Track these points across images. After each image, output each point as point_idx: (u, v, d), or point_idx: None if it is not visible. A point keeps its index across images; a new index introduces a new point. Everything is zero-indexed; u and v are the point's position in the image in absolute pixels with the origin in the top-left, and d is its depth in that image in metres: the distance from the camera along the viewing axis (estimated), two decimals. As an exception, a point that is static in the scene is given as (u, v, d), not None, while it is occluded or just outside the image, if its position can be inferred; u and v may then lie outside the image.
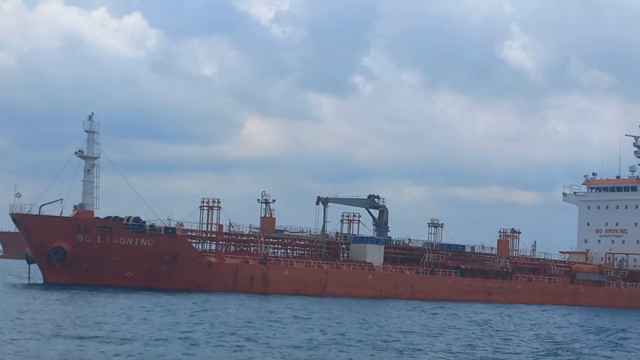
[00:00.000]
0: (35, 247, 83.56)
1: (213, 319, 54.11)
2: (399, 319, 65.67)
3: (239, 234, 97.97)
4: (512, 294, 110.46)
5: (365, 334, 50.39)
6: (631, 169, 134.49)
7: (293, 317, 59.82)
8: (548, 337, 57.59)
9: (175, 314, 56.39)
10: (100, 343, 39.31)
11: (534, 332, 61.13)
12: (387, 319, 64.24)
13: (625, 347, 53.61)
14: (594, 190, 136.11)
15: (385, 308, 78.80)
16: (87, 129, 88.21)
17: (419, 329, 56.69)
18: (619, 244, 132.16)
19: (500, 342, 51.15)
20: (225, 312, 60.69)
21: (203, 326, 48.97)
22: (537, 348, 48.80)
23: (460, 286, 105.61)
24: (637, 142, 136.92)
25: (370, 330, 52.89)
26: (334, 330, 51.07)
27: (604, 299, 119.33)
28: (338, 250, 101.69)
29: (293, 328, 50.94)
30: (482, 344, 48.80)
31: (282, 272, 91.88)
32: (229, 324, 51.43)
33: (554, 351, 47.49)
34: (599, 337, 59.85)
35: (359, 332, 51.39)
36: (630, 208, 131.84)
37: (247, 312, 61.43)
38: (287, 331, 48.75)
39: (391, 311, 74.60)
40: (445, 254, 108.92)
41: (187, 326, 48.39)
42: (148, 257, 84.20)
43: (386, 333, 51.70)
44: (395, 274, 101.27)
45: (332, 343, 44.20)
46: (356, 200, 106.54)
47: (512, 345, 49.90)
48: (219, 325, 49.90)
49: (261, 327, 50.31)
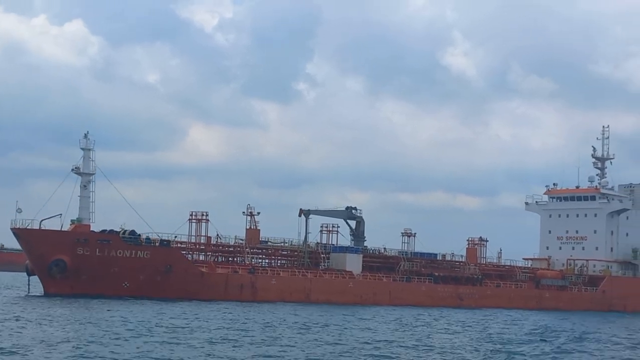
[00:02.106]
0: (37, 260, 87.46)
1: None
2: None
3: (227, 245, 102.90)
4: (482, 299, 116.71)
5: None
6: (590, 179, 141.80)
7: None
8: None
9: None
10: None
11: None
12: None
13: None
14: (555, 199, 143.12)
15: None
16: (83, 147, 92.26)
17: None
18: (579, 251, 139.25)
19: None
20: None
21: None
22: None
23: (434, 292, 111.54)
24: (595, 153, 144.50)
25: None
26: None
27: (567, 302, 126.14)
28: (319, 260, 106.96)
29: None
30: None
31: (269, 281, 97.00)
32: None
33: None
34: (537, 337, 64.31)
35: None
36: (589, 216, 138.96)
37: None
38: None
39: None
40: (419, 262, 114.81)
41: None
42: (144, 268, 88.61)
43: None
44: (374, 282, 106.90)
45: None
46: (335, 212, 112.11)
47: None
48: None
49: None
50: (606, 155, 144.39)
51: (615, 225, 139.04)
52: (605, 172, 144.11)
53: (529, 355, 50.05)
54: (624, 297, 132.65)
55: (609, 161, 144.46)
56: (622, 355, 54.09)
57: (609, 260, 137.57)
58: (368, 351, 47.03)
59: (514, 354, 49.53)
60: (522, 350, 52.61)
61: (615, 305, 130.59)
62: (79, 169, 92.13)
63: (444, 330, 66.68)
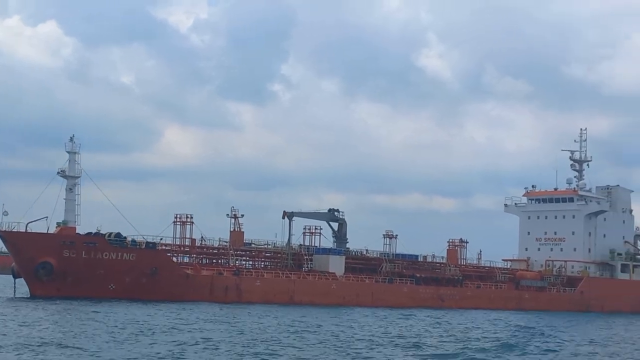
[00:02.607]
0: (23, 263, 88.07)
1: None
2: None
3: (211, 248, 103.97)
4: (463, 300, 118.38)
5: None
6: (568, 182, 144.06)
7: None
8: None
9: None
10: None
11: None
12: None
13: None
14: (534, 201, 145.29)
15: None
16: (69, 150, 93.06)
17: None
18: (557, 252, 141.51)
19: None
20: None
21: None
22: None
23: (416, 294, 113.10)
24: (573, 155, 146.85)
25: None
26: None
27: (546, 303, 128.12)
28: (302, 261, 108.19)
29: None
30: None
31: (254, 283, 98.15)
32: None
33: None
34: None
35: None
36: (567, 218, 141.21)
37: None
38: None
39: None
40: (401, 264, 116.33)
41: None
42: (130, 271, 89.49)
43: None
44: (357, 283, 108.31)
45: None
46: (318, 214, 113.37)
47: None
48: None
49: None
50: (584, 158, 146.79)
51: (593, 227, 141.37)
52: (583, 175, 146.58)
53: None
54: (602, 298, 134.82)
55: (587, 163, 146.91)
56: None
57: (586, 261, 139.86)
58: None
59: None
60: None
61: (593, 306, 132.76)
62: (64, 172, 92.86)
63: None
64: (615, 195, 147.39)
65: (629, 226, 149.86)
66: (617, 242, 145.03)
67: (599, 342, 65.51)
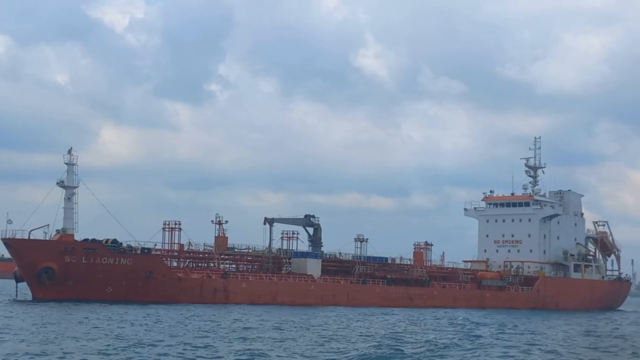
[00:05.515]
0: (26, 268, 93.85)
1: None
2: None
3: (198, 252, 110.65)
4: (430, 299, 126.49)
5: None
6: (524, 187, 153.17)
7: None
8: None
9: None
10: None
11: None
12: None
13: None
14: (492, 205, 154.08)
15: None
16: (67, 162, 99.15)
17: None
18: (515, 253, 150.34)
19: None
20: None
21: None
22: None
23: (387, 294, 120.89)
24: (528, 162, 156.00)
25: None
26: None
27: (506, 301, 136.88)
28: (281, 264, 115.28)
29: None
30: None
31: (240, 285, 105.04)
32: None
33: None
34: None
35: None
36: (524, 221, 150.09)
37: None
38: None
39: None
40: (372, 266, 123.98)
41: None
42: (127, 274, 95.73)
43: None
44: (333, 285, 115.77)
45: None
46: (295, 220, 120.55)
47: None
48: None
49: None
50: (538, 165, 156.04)
51: (548, 230, 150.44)
52: (537, 180, 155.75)
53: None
54: (556, 296, 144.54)
55: (541, 170, 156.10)
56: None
57: (542, 262, 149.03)
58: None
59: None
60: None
61: (549, 303, 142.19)
62: (63, 182, 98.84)
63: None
64: (567, 199, 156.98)
65: (581, 229, 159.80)
66: (570, 243, 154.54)
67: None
